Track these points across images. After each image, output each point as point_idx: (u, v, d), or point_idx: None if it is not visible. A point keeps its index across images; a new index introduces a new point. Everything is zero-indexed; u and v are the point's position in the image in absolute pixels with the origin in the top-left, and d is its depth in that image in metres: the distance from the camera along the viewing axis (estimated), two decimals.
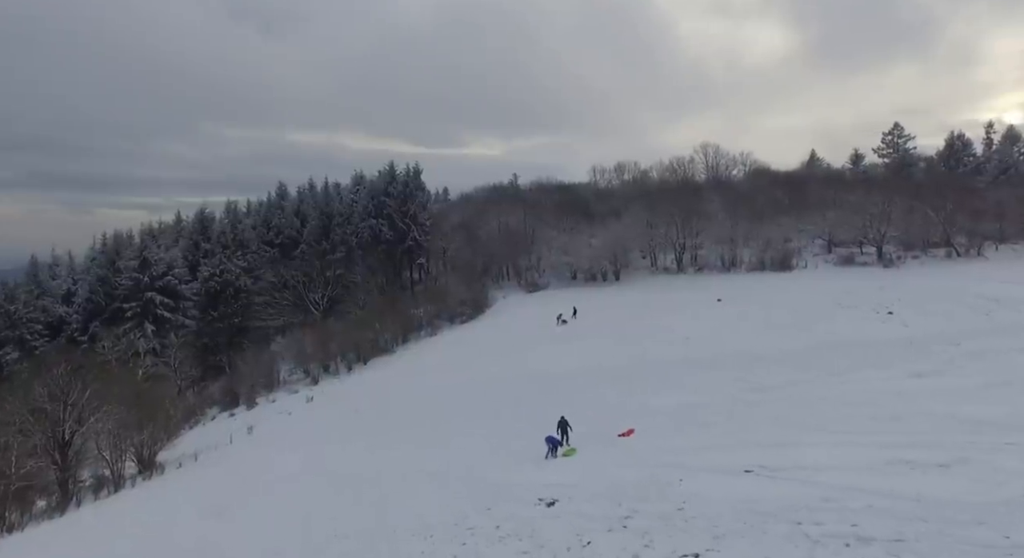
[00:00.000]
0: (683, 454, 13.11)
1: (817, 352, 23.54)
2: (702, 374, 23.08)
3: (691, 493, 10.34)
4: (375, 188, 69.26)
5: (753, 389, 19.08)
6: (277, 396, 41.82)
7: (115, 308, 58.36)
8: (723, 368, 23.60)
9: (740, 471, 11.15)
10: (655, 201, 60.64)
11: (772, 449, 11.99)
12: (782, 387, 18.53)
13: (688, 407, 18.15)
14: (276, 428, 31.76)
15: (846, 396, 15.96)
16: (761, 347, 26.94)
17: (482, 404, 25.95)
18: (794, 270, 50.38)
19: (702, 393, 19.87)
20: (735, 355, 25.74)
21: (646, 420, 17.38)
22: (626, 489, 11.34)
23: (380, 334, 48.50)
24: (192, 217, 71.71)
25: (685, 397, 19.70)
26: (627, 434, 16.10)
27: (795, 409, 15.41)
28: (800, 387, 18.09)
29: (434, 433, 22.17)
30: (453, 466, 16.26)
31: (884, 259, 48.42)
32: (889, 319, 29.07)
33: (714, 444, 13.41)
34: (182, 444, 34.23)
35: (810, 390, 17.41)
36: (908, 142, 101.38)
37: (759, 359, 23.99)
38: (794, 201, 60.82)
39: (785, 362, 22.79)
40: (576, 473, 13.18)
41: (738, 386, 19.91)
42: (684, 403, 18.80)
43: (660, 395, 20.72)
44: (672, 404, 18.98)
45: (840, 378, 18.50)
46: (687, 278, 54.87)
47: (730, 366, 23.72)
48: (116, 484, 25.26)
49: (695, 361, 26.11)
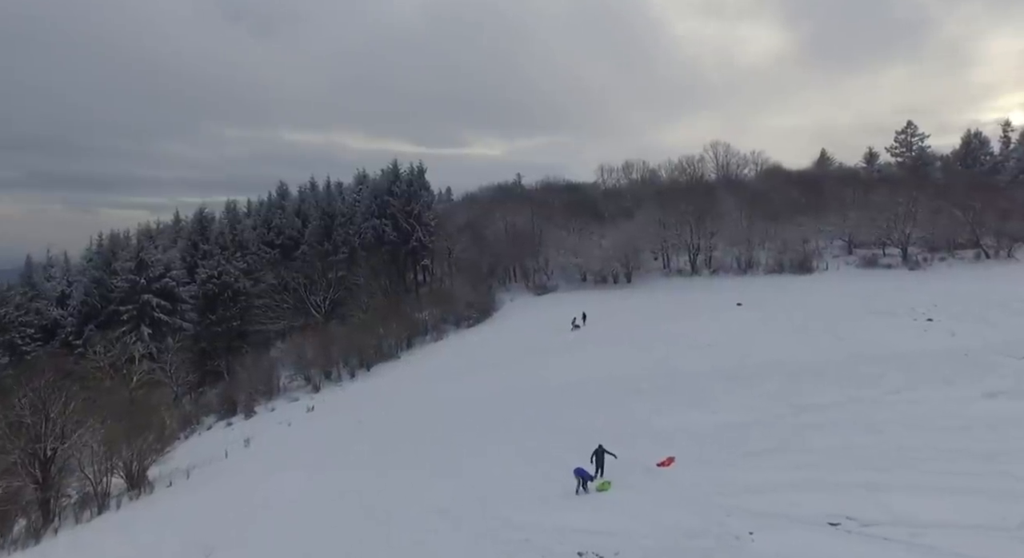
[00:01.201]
0: (742, 493, 11.21)
1: (861, 364, 21.56)
2: (736, 388, 21.14)
3: (771, 555, 8.43)
4: (378, 187, 67.48)
5: (801, 408, 17.14)
6: (276, 404, 39.99)
7: (111, 311, 56.57)
8: (758, 380, 21.66)
9: (823, 522, 9.26)
10: (668, 200, 58.65)
11: (855, 493, 10.08)
12: (835, 406, 16.59)
13: (731, 429, 16.23)
14: (274, 441, 29.91)
15: (918, 420, 14.03)
16: (794, 356, 24.97)
17: (493, 419, 24.05)
18: (814, 272, 48.37)
19: (742, 411, 17.96)
20: (768, 365, 23.78)
21: (685, 445, 15.49)
22: (683, 543, 9.45)
23: (384, 338, 46.68)
24: (191, 217, 70.09)
25: (724, 415, 17.78)
26: (667, 463, 14.21)
27: (862, 436, 13.48)
28: (858, 407, 16.13)
29: (443, 453, 20.30)
30: (466, 499, 14.39)
31: (909, 261, 46.37)
32: (931, 326, 27.08)
33: (777, 481, 11.49)
34: (176, 456, 32.32)
35: (871, 411, 15.46)
36: (921, 141, 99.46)
37: (796, 371, 22.04)
38: (811, 201, 58.81)
39: (827, 375, 20.84)
40: (617, 517, 11.28)
41: (782, 403, 17.98)
42: (724, 423, 16.88)
43: (694, 412, 18.81)
44: (710, 424, 17.06)
45: (900, 396, 16.56)
46: (702, 280, 52.89)
47: (766, 378, 21.78)
48: (100, 504, 23.43)
49: (724, 372, 24.14)
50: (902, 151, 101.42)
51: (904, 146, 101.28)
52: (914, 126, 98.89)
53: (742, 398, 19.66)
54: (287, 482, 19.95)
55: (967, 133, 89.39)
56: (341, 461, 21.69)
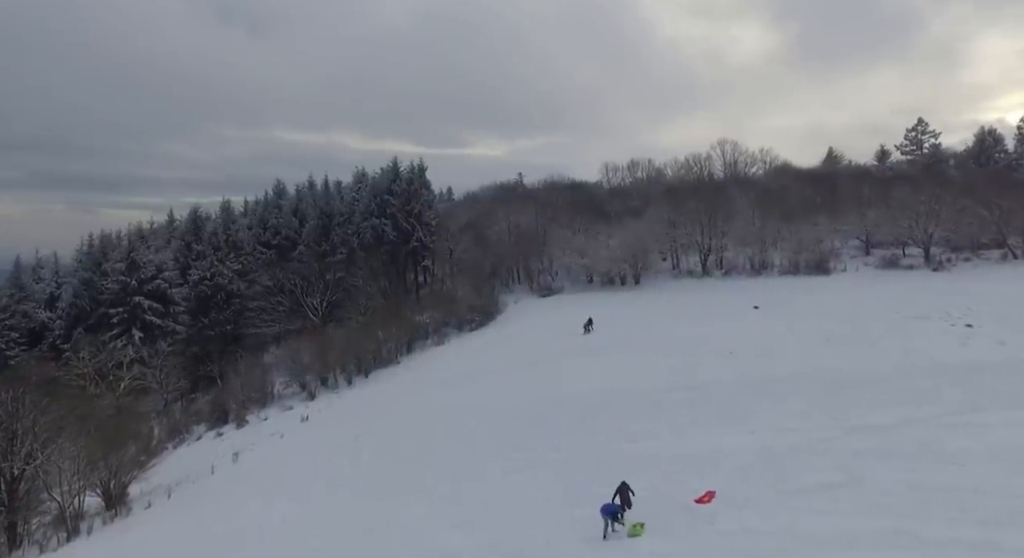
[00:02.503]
0: (809, 547, 9.24)
1: (907, 376, 19.62)
2: (769, 402, 19.17)
3: None
4: (378, 186, 65.56)
5: (851, 429, 15.16)
6: (269, 413, 38.06)
7: (100, 313, 54.70)
8: (792, 394, 19.70)
9: None
10: (677, 199, 56.69)
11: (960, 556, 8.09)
12: (892, 429, 14.60)
13: (774, 454, 14.25)
14: (264, 456, 28.00)
15: (1000, 451, 12.06)
16: (827, 366, 23.02)
17: (500, 435, 22.07)
18: (832, 274, 46.41)
19: (782, 431, 15.98)
20: (800, 376, 21.82)
21: (723, 473, 13.52)
22: None
23: (383, 342, 44.73)
24: (184, 217, 68.16)
25: (762, 436, 15.79)
26: (706, 499, 12.24)
27: (940, 470, 11.49)
28: (919, 431, 14.15)
29: (446, 475, 18.34)
30: (476, 540, 12.44)
31: (932, 261, 44.41)
32: (973, 334, 25.11)
33: (851, 531, 9.51)
34: (161, 469, 30.36)
35: (938, 437, 13.47)
36: (931, 138, 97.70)
37: (833, 383, 20.08)
38: (825, 200, 56.88)
39: (871, 388, 18.88)
40: None
41: (826, 422, 16.01)
42: (765, 447, 14.89)
43: (725, 431, 16.82)
44: (748, 447, 15.08)
45: (966, 418, 14.59)
46: (714, 282, 50.95)
47: (800, 391, 19.83)
48: (70, 529, 21.50)
49: (751, 382, 22.18)
50: (912, 149, 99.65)
51: (914, 144, 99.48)
52: (924, 123, 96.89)
53: (778, 415, 17.69)
54: (273, 510, 18.01)
55: (981, 130, 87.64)
56: (334, 484, 19.75)
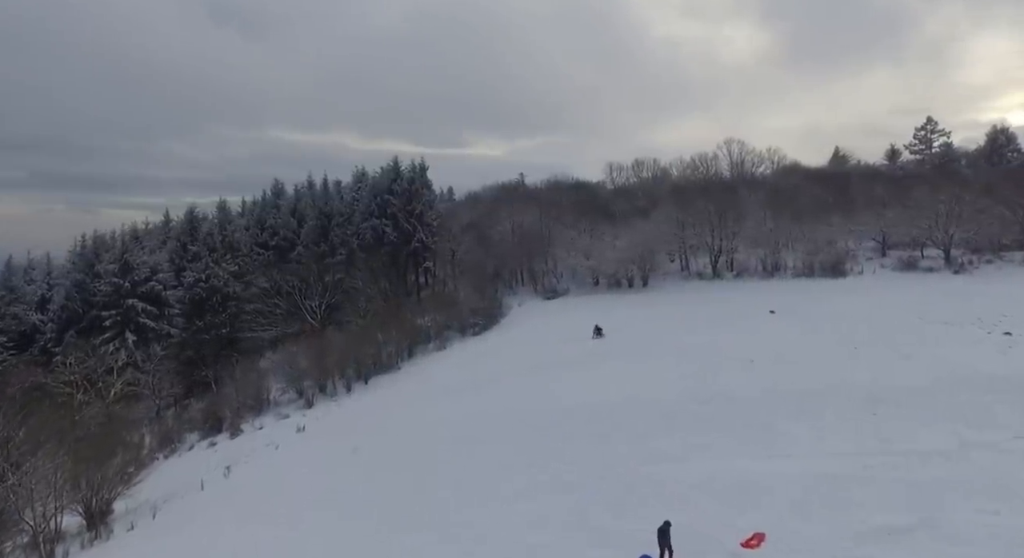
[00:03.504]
0: None
1: (949, 391, 18.03)
2: (801, 419, 17.57)
3: None
4: (378, 186, 63.94)
5: (902, 454, 13.60)
6: (264, 422, 36.46)
7: (93, 316, 53.15)
8: (825, 409, 18.11)
9: None
10: (687, 199, 55.08)
11: None
12: (952, 455, 13.05)
13: (821, 484, 12.67)
14: (257, 470, 26.43)
15: None
16: (856, 377, 21.46)
17: (507, 451, 20.51)
18: (848, 276, 44.82)
19: (823, 454, 14.44)
20: (831, 390, 20.21)
21: (771, 509, 11.96)
22: None
23: (383, 346, 43.13)
24: (181, 217, 66.61)
25: (802, 461, 14.22)
26: (755, 544, 10.69)
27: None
28: (985, 458, 12.59)
29: (449, 499, 16.78)
30: None
31: (953, 263, 42.81)
32: (1014, 342, 23.54)
33: None
34: (150, 481, 28.82)
35: (1010, 466, 11.93)
36: (940, 137, 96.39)
37: (869, 397, 18.50)
38: (838, 200, 55.29)
39: (913, 404, 17.32)
40: None
41: (871, 444, 14.47)
42: (808, 474, 13.31)
43: (760, 454, 15.26)
44: (792, 475, 13.50)
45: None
46: (725, 284, 49.37)
47: (837, 407, 18.24)
48: (44, 556, 19.93)
49: (778, 395, 20.58)
50: (921, 148, 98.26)
51: (923, 143, 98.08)
52: (934, 122, 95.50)
53: (815, 434, 16.11)
54: (264, 536, 16.45)
55: (993, 129, 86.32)
56: (329, 507, 18.19)
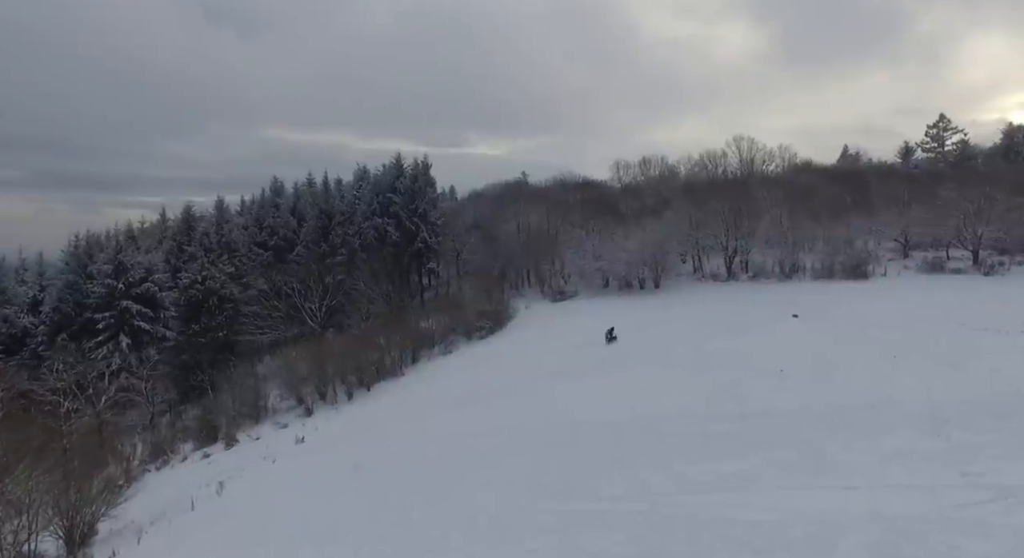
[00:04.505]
0: None
1: (1021, 411, 16.20)
2: (858, 441, 15.61)
3: None
4: (380, 184, 62.44)
5: (1003, 491, 11.67)
6: (262, 431, 34.81)
7: (86, 319, 51.62)
8: (885, 431, 16.17)
9: None
10: (700, 197, 53.35)
11: None
12: None
13: (913, 530, 10.72)
14: (252, 488, 24.63)
15: None
16: (909, 393, 19.50)
17: (523, 473, 18.43)
18: (870, 278, 43.00)
19: (901, 487, 12.43)
20: (883, 407, 18.31)
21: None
22: None
23: (386, 352, 41.45)
24: (179, 216, 65.06)
25: (872, 496, 12.20)
26: None
27: None
28: None
29: (459, 535, 14.88)
30: None
31: (983, 265, 40.99)
32: None
33: None
34: (139, 497, 27.08)
35: None
36: (953, 134, 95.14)
37: (933, 418, 16.58)
38: (857, 198, 53.51)
39: (983, 425, 15.36)
40: None
41: (961, 480, 12.48)
42: (890, 515, 11.31)
43: (816, 485, 13.31)
44: (859, 512, 11.53)
45: None
46: (740, 286, 47.63)
47: (894, 427, 16.31)
48: None
49: (824, 413, 18.63)
50: (934, 146, 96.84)
51: (936, 141, 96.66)
52: (946, 120, 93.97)
53: (875, 461, 14.15)
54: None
55: (1009, 126, 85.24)
56: (329, 538, 16.36)
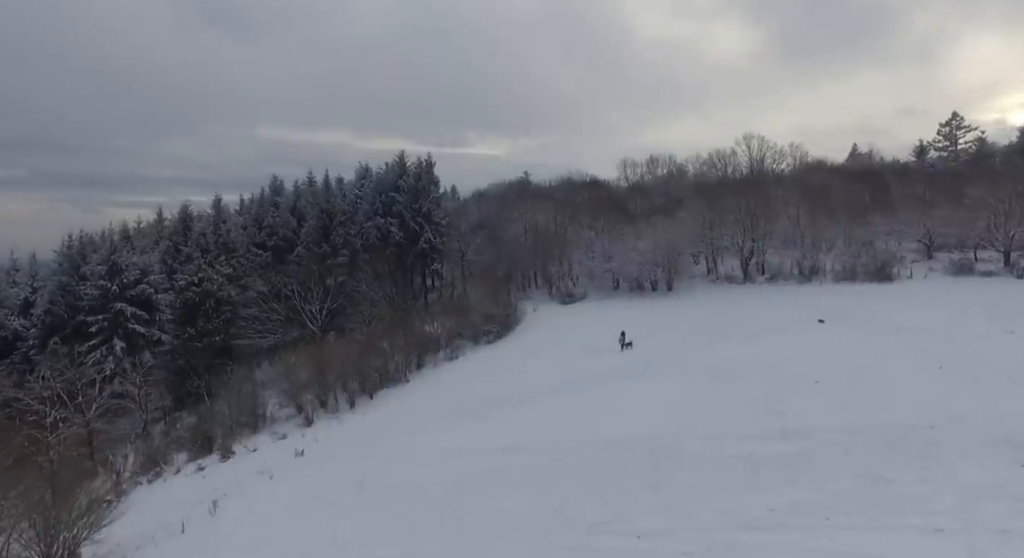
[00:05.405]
0: None
1: None
2: (926, 470, 13.85)
3: None
4: (383, 183, 60.66)
5: None
6: (259, 442, 32.98)
7: (79, 321, 49.86)
8: (958, 458, 14.39)
9: None
10: (713, 197, 51.57)
11: None
12: None
13: None
14: (248, 507, 22.82)
15: None
16: (970, 410, 17.73)
17: (545, 500, 16.64)
18: (895, 281, 41.20)
19: (995, 533, 10.75)
20: (946, 427, 16.44)
21: None
22: None
23: (390, 357, 39.65)
24: (175, 216, 63.25)
25: (967, 542, 10.53)
26: None
27: None
28: None
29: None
30: None
31: (1015, 267, 39.18)
32: None
33: None
34: (126, 516, 25.22)
35: None
36: (966, 132, 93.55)
37: (1013, 444, 14.84)
38: (876, 198, 51.73)
39: None
40: None
41: None
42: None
43: (891, 525, 11.53)
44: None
45: None
46: (758, 288, 45.81)
47: (966, 453, 14.53)
48: None
49: (873, 433, 16.86)
50: (946, 145, 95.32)
51: (948, 139, 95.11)
52: (960, 118, 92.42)
53: (959, 496, 12.33)
54: None
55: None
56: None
